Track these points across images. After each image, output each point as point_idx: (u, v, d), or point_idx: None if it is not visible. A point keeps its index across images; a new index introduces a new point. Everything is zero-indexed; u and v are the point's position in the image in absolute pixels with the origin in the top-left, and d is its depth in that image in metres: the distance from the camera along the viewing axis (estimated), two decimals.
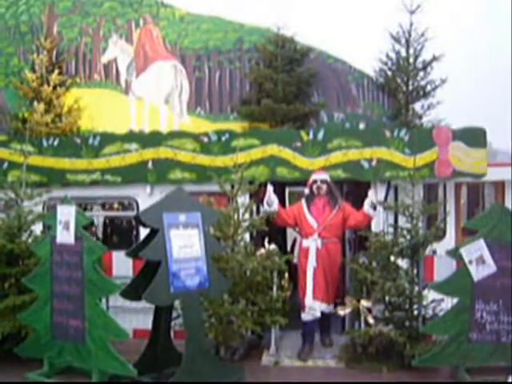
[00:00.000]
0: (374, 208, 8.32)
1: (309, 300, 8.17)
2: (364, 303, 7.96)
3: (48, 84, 14.15)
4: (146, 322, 7.71)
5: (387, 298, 8.01)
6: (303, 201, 8.60)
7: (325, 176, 8.60)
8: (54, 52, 14.88)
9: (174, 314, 7.53)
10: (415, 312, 7.90)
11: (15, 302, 7.58)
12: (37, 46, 14.80)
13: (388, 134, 9.39)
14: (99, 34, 15.16)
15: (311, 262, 8.25)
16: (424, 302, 7.90)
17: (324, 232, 8.30)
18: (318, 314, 8.23)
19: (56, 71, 14.40)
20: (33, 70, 14.59)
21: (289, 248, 12.06)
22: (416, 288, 7.86)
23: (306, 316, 8.24)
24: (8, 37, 15.25)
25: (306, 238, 8.38)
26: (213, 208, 7.89)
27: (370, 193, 8.39)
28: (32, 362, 7.38)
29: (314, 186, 8.47)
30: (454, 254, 7.18)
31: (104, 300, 8.28)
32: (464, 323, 7.04)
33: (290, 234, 12.40)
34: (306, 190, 8.55)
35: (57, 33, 15.17)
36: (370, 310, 8.02)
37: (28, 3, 15.31)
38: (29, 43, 15.10)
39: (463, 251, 7.08)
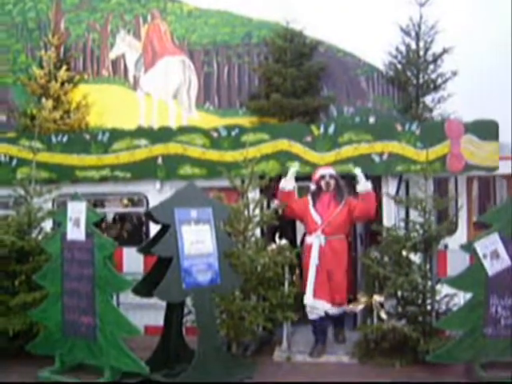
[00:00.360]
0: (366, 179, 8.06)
1: (308, 299, 7.86)
2: (376, 298, 7.87)
3: (56, 80, 14.15)
4: (158, 319, 7.66)
5: (400, 293, 7.92)
6: (309, 196, 8.33)
7: (332, 171, 8.31)
8: (62, 48, 14.90)
9: (186, 311, 7.47)
10: (428, 307, 7.81)
11: (26, 299, 7.55)
12: (44, 42, 14.81)
13: (399, 127, 9.29)
14: (107, 29, 15.14)
15: (313, 260, 7.90)
16: (437, 297, 7.81)
17: (328, 228, 7.96)
18: (322, 314, 7.93)
19: (64, 67, 14.42)
20: (40, 66, 14.59)
21: (298, 242, 11.96)
22: (429, 283, 7.78)
23: (311, 315, 8.00)
24: (15, 34, 15.26)
25: (309, 235, 8.14)
26: (224, 203, 7.82)
27: (356, 170, 8.17)
28: (43, 359, 7.33)
29: (323, 182, 8.16)
30: (468, 248, 7.09)
31: (115, 297, 8.23)
32: (478, 318, 6.94)
33: (299, 227, 12.31)
34: (312, 186, 8.28)
35: (64, 29, 15.17)
36: (382, 305, 7.93)
37: (35, 0, 15.27)
38: (36, 40, 15.10)
39: (477, 245, 6.98)
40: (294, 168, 8.41)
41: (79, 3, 15.20)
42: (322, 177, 8.18)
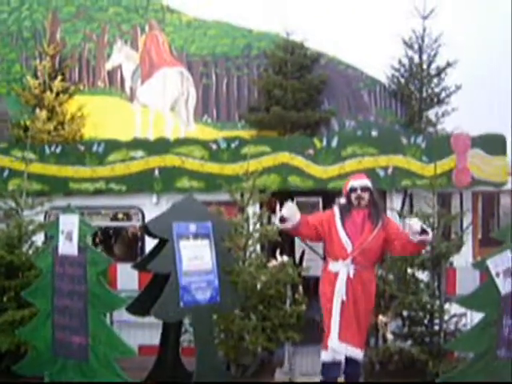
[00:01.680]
0: (423, 232, 6.10)
1: (333, 341, 6.27)
2: (382, 318, 7.56)
3: (51, 91, 13.98)
4: (153, 338, 7.36)
5: (405, 313, 7.62)
6: (336, 210, 6.48)
7: (367, 182, 6.49)
8: (57, 58, 14.82)
9: (183, 330, 7.14)
10: (436, 327, 7.53)
11: (14, 317, 7.22)
12: (39, 52, 14.69)
13: (404, 140, 9.17)
14: (103, 39, 15.00)
15: (339, 293, 6.25)
16: (445, 317, 7.51)
17: (360, 257, 6.24)
18: (341, 358, 6.40)
19: (59, 78, 14.28)
20: (35, 76, 14.46)
21: (297, 259, 11.68)
22: (437, 302, 7.48)
23: (325, 356, 6.42)
24: (10, 43, 15.11)
25: (333, 261, 6.37)
26: (224, 218, 7.52)
27: (415, 220, 6.26)
28: (32, 381, 6.98)
29: (353, 196, 6.37)
30: (481, 265, 6.76)
31: (108, 315, 7.93)
32: (491, 339, 6.60)
33: (298, 243, 12.04)
34: (342, 200, 6.58)
35: (60, 39, 15.06)
36: (386, 325, 7.63)
37: (31, 8, 15.18)
38: (31, 49, 14.97)
39: (490, 263, 6.67)
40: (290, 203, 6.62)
41: (76, 12, 15.08)
42: (353, 189, 6.41)
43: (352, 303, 6.29)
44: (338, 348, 6.30)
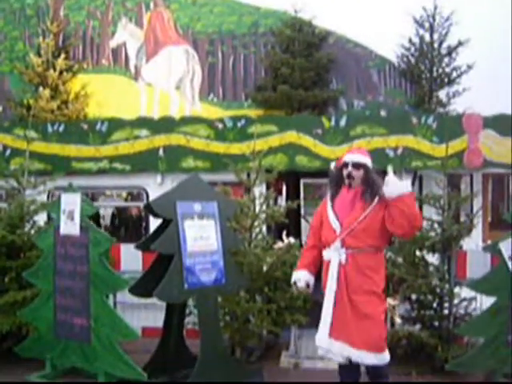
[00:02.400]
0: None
1: (321, 337, 5.32)
2: (391, 302, 7.40)
3: (54, 69, 13.82)
4: (157, 320, 7.28)
5: (414, 296, 7.47)
6: (328, 194, 5.64)
7: (362, 158, 5.39)
8: (61, 36, 14.65)
9: (187, 311, 7.01)
10: (445, 311, 7.37)
11: (15, 298, 7.11)
12: (43, 29, 14.53)
13: (415, 120, 9.01)
14: (108, 17, 14.81)
15: (331, 283, 5.32)
16: (455, 301, 7.36)
17: (350, 238, 5.25)
18: (339, 359, 5.31)
19: (62, 56, 14.10)
20: (38, 54, 14.28)
21: (303, 241, 11.52)
22: (447, 285, 7.32)
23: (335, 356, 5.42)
24: (13, 20, 14.95)
25: (326, 247, 5.43)
26: (230, 198, 7.35)
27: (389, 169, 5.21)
28: (33, 362, 6.92)
29: (344, 172, 5.36)
30: (493, 249, 6.61)
31: (111, 296, 7.84)
32: (502, 324, 6.45)
33: (305, 226, 11.91)
34: (333, 172, 5.72)
35: (63, 16, 14.89)
36: (394, 309, 7.48)
37: None
38: (34, 27, 14.80)
39: (502, 246, 6.51)
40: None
41: None
42: (345, 164, 5.40)
43: (346, 294, 5.24)
44: (329, 346, 5.28)
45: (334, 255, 5.33)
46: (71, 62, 14.37)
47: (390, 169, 5.19)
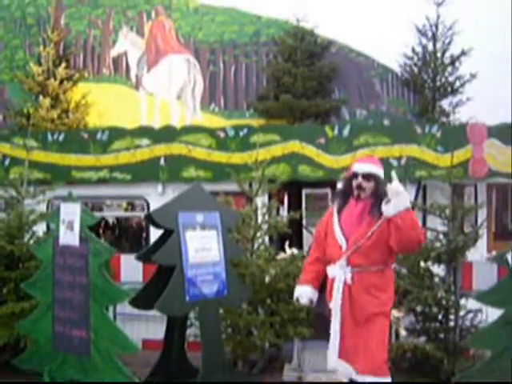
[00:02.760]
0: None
1: (331, 357, 5.09)
2: (395, 313, 7.27)
3: (54, 78, 13.78)
4: (157, 332, 7.19)
5: (419, 308, 7.35)
6: (335, 205, 5.25)
7: (373, 168, 4.96)
8: (61, 45, 14.65)
9: (188, 323, 6.88)
10: (451, 323, 7.24)
11: (14, 310, 6.96)
12: (43, 38, 14.51)
13: (419, 130, 8.92)
14: (109, 26, 14.78)
15: (336, 303, 5.00)
16: (461, 313, 7.24)
17: (356, 256, 4.88)
18: (343, 378, 5.18)
19: (63, 65, 14.09)
20: (39, 63, 14.25)
21: (305, 252, 11.41)
22: (452, 297, 7.20)
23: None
24: (13, 29, 14.93)
25: (330, 263, 5.08)
26: (232, 208, 7.24)
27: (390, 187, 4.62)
28: (31, 375, 6.73)
29: (354, 183, 4.95)
30: (501, 259, 6.47)
31: (111, 307, 7.70)
32: (510, 337, 6.32)
33: (307, 236, 11.80)
34: (340, 185, 5.88)
35: (64, 25, 14.88)
36: (399, 320, 7.36)
37: None
38: (35, 36, 14.77)
39: (510, 257, 6.38)
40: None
41: None
42: (354, 175, 4.99)
43: (352, 315, 4.96)
44: (336, 366, 5.10)
45: (338, 273, 4.98)
46: (72, 71, 14.35)
47: (394, 177, 4.63)
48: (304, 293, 5.23)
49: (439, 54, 13.75)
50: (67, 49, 14.60)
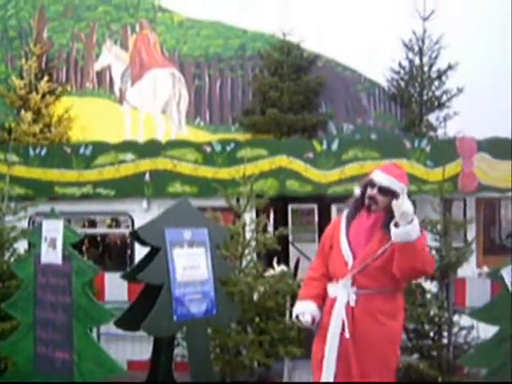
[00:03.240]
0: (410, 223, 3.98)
1: None
2: None
3: (37, 92, 13.58)
4: (143, 352, 7.07)
5: (411, 326, 7.23)
6: (344, 213, 4.66)
7: (394, 183, 4.26)
8: (44, 58, 14.46)
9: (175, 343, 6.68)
10: (444, 340, 7.18)
11: None
12: (25, 51, 14.37)
13: (408, 144, 8.83)
14: (92, 39, 14.65)
15: (335, 328, 4.32)
16: (454, 330, 7.15)
17: (362, 277, 4.29)
18: None
19: (45, 78, 13.91)
20: (21, 76, 14.05)
21: (291, 268, 11.28)
22: (445, 314, 7.10)
23: None
24: None
25: (332, 282, 4.53)
26: (220, 224, 7.09)
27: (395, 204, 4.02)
28: None
29: (368, 192, 4.37)
30: (495, 275, 6.37)
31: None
32: (506, 354, 6.19)
33: (293, 252, 11.69)
34: (356, 191, 4.60)
35: (47, 38, 14.74)
36: None
37: (17, 7, 14.83)
38: (17, 49, 14.64)
39: (505, 273, 6.28)
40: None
41: (64, 11, 14.75)
42: (370, 185, 4.38)
43: (354, 344, 4.27)
44: None
45: (341, 293, 4.35)
46: (54, 85, 14.17)
47: (401, 190, 4.18)
48: (307, 309, 4.53)
49: (426, 69, 13.78)
50: (50, 62, 14.44)
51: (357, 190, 4.56)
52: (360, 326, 4.28)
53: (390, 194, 4.19)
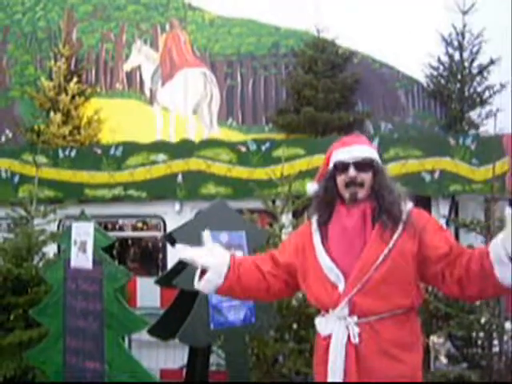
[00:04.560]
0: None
1: None
2: (435, 339, 6.80)
3: (66, 93, 13.51)
4: (176, 360, 6.86)
5: (460, 333, 6.86)
6: (312, 222, 3.30)
7: (368, 150, 3.25)
8: (73, 59, 14.46)
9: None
10: (495, 349, 6.73)
11: (21, 338, 6.54)
12: (54, 53, 14.33)
13: (452, 141, 8.43)
14: (122, 39, 14.56)
15: (333, 376, 3.03)
16: (505, 337, 6.74)
17: (363, 297, 3.00)
18: None
19: (75, 79, 13.83)
20: (50, 78, 14.04)
21: None
22: (496, 320, 6.71)
23: None
24: (24, 44, 14.73)
25: (322, 315, 3.19)
26: (258, 226, 6.78)
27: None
28: None
29: (341, 179, 3.18)
30: None
31: None
32: None
33: None
34: (313, 187, 3.43)
35: (76, 39, 14.67)
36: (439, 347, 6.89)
37: (46, 8, 14.79)
38: (46, 50, 14.61)
39: None
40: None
41: (93, 11, 14.67)
42: (339, 167, 3.21)
43: None
44: None
45: (337, 329, 3.04)
46: (84, 86, 14.13)
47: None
48: (215, 267, 3.36)
49: (466, 64, 13.38)
50: (79, 63, 14.40)
51: (313, 186, 3.39)
52: (370, 369, 3.01)
53: (370, 166, 3.15)
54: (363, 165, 3.13)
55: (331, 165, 3.29)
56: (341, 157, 3.22)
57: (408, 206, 3.12)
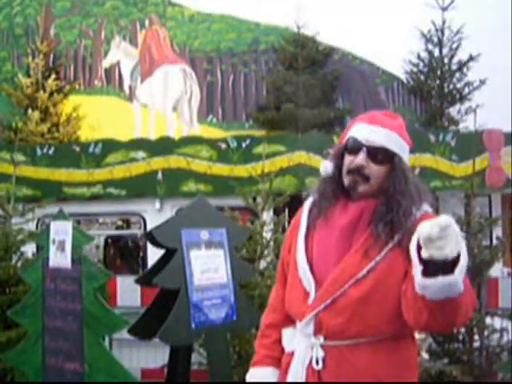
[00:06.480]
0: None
1: None
2: (416, 335, 6.77)
3: (44, 90, 13.33)
4: (157, 360, 6.76)
5: None
6: (305, 209, 2.81)
7: (391, 136, 2.48)
8: (51, 56, 14.26)
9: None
10: (475, 344, 6.86)
11: (0, 339, 6.47)
12: (32, 49, 14.17)
13: (432, 138, 8.47)
14: (100, 35, 14.45)
15: None
16: (486, 332, 6.82)
17: (332, 316, 2.40)
18: None
19: (53, 76, 13.68)
20: (27, 75, 13.84)
21: None
22: (477, 316, 6.77)
23: None
24: (1, 40, 14.57)
25: (288, 326, 2.66)
26: (239, 224, 6.74)
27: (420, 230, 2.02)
28: None
29: (349, 162, 2.51)
30: None
31: None
32: None
33: None
34: (327, 167, 2.67)
35: (54, 35, 14.56)
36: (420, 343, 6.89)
37: (23, 4, 14.64)
38: (23, 47, 14.44)
39: None
40: None
41: (71, 7, 14.56)
42: (353, 148, 2.52)
43: None
44: None
45: (299, 347, 2.52)
46: (62, 83, 13.98)
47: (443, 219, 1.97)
48: (262, 377, 2.71)
49: (446, 60, 13.46)
50: (57, 60, 14.25)
51: (327, 166, 2.66)
52: None
53: (387, 158, 2.47)
54: (379, 154, 2.45)
55: (344, 141, 2.60)
56: (357, 133, 2.52)
57: (418, 213, 2.43)
